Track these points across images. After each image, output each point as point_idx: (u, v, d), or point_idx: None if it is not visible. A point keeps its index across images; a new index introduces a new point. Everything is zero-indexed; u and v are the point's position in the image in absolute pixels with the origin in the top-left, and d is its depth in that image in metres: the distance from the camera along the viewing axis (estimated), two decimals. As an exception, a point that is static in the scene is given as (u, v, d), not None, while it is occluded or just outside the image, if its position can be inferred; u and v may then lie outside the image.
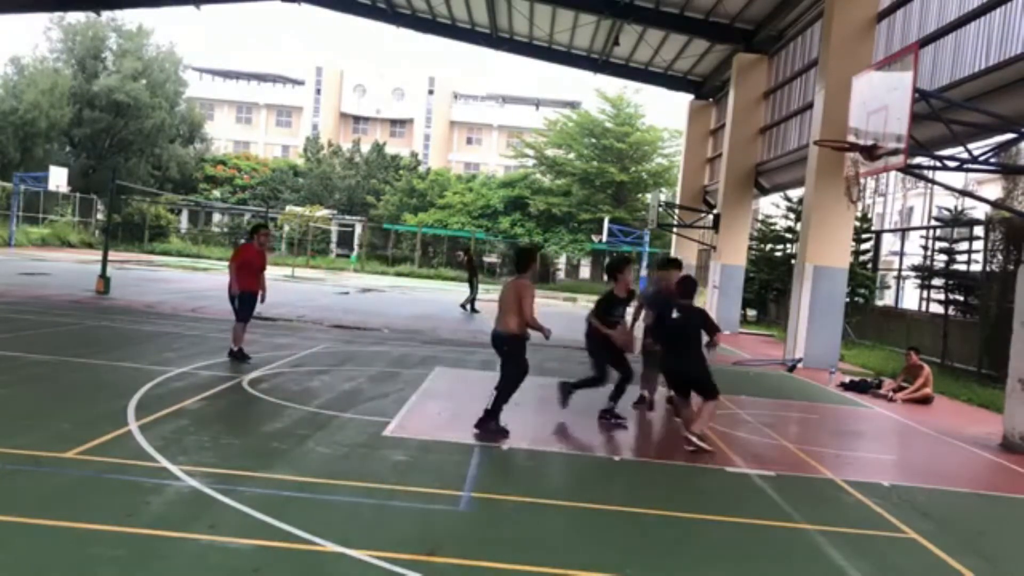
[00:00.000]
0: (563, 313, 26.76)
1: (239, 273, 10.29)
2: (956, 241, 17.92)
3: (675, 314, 7.52)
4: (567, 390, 8.30)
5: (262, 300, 10.66)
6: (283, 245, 46.86)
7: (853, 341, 19.43)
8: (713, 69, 26.05)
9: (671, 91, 30.16)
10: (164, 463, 5.55)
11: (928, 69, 13.37)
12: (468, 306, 21.72)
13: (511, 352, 7.40)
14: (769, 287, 26.05)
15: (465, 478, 5.84)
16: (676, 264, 9.42)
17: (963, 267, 17.25)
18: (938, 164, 9.63)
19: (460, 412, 8.28)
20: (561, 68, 30.33)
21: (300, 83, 71.32)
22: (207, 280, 24.91)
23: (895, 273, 23.11)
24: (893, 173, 17.60)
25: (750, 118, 22.51)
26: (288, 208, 46.57)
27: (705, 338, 7.54)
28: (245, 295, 10.34)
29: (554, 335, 7.81)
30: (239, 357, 10.22)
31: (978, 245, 16.35)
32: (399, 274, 42.43)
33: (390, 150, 54.69)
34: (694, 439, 7.12)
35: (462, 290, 24.91)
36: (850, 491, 6.48)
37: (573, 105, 57.51)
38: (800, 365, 14.73)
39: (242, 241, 13.39)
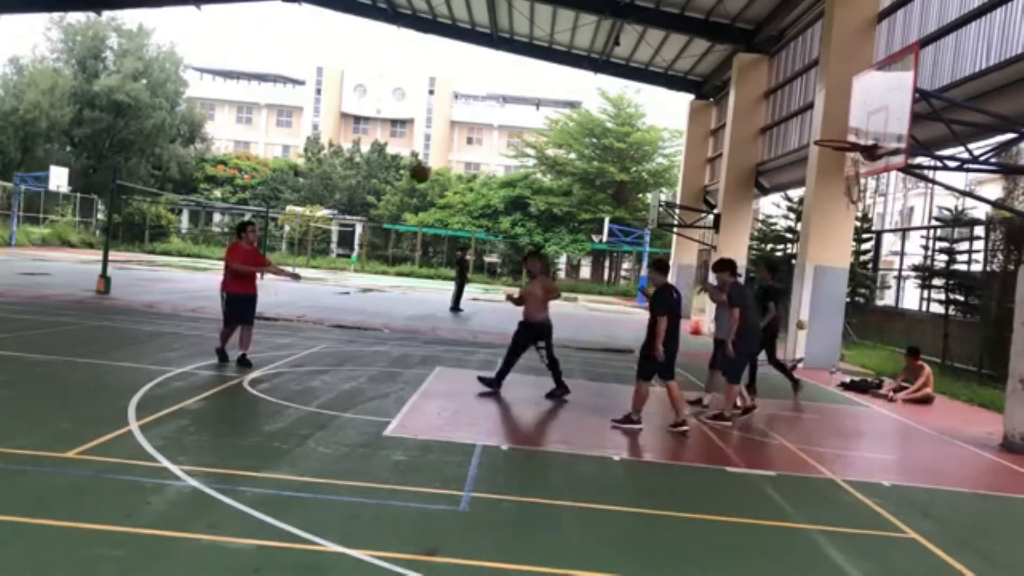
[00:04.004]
0: (565, 314, 26.77)
1: (231, 275, 10.12)
2: (956, 241, 17.89)
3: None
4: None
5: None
6: (283, 245, 46.88)
7: (854, 341, 19.42)
8: (713, 69, 26.04)
9: (671, 91, 30.15)
10: (164, 463, 5.55)
11: (928, 69, 13.36)
12: (456, 306, 21.68)
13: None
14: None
15: (465, 478, 5.83)
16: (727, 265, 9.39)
17: (963, 267, 17.24)
18: (938, 164, 9.63)
19: (461, 412, 8.29)
20: (561, 68, 30.32)
21: (300, 83, 71.39)
22: (207, 280, 24.88)
23: (895, 273, 23.09)
24: (893, 173, 17.60)
25: (750, 118, 22.49)
26: (288, 208, 46.60)
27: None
28: (234, 297, 10.03)
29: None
30: (220, 356, 9.99)
31: (978, 245, 16.33)
32: (399, 274, 42.44)
33: (390, 150, 54.68)
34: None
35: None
36: (850, 491, 6.48)
37: (573, 105, 57.49)
38: (801, 365, 14.71)
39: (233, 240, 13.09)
